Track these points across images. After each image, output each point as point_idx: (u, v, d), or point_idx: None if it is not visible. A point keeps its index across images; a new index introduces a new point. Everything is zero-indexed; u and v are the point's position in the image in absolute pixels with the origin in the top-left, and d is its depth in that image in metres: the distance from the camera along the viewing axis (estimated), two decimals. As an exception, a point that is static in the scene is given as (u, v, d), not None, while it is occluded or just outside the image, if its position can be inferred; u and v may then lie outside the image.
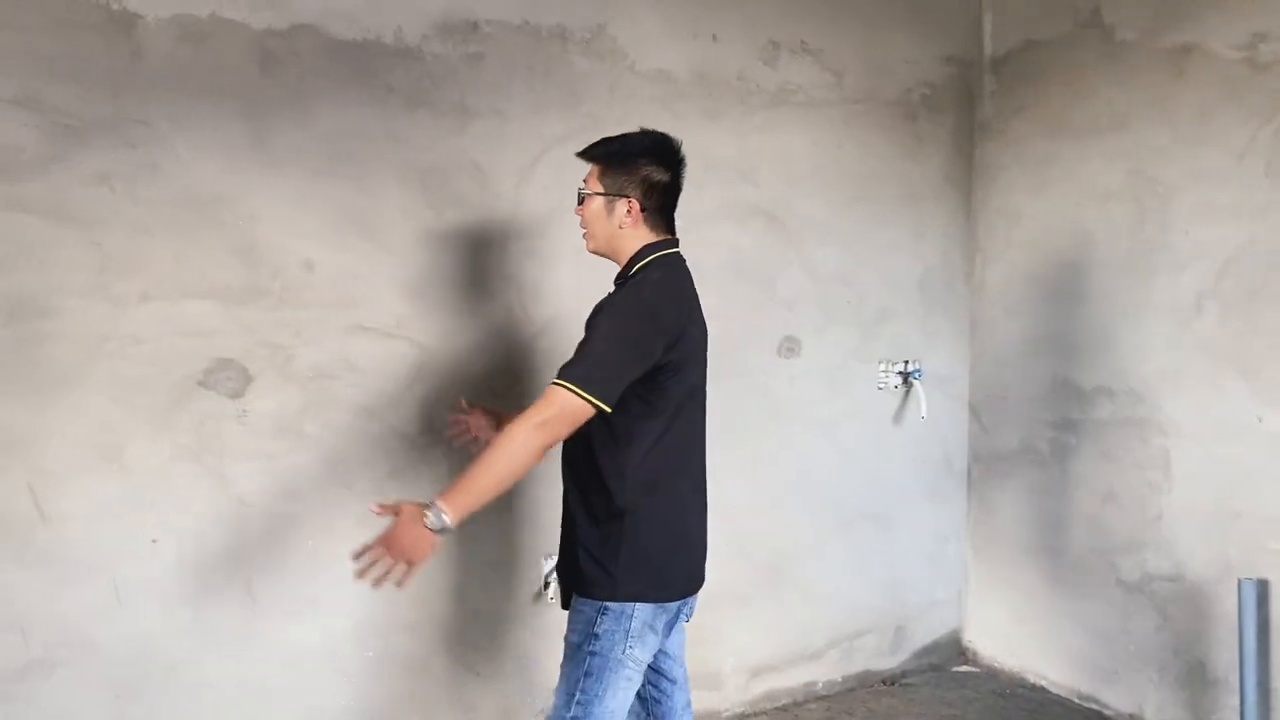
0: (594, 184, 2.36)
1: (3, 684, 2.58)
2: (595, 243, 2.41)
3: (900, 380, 4.04)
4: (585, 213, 2.39)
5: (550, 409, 2.12)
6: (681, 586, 2.39)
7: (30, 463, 2.56)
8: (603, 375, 2.15)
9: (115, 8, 2.58)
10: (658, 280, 2.31)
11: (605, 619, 2.28)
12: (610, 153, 2.36)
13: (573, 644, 2.34)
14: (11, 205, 2.49)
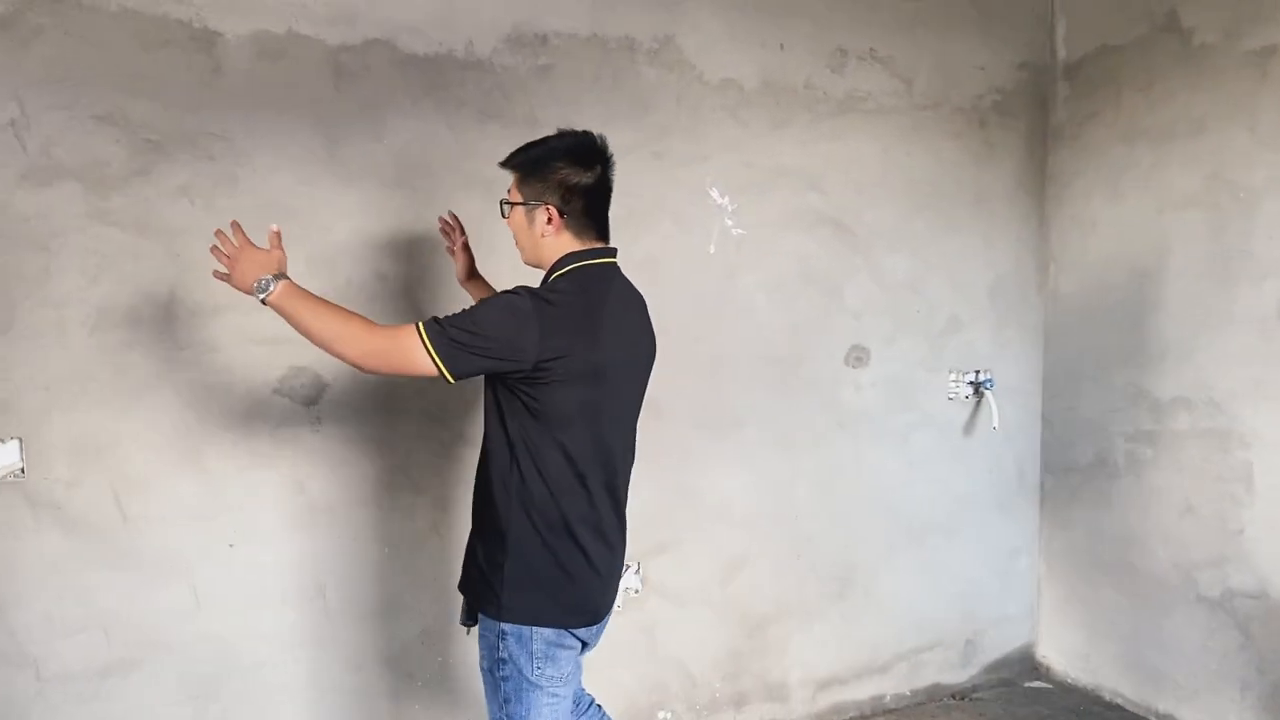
0: (514, 193, 2.25)
1: (86, 682, 2.66)
2: (524, 255, 2.31)
3: (971, 390, 3.98)
4: (510, 225, 2.29)
5: (393, 342, 2.08)
6: (576, 617, 2.23)
7: (113, 467, 2.64)
8: (460, 348, 2.06)
9: (197, 26, 2.66)
10: (563, 291, 2.17)
11: (505, 643, 2.20)
12: (526, 159, 2.23)
13: (484, 670, 2.27)
14: (99, 218, 2.57)
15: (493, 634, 2.21)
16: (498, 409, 2.19)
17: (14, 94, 2.47)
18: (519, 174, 2.24)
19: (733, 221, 3.44)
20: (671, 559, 3.44)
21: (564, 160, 2.20)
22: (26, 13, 2.47)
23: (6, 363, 2.51)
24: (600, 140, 2.25)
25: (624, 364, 2.27)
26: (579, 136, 2.25)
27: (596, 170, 2.22)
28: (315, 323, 2.10)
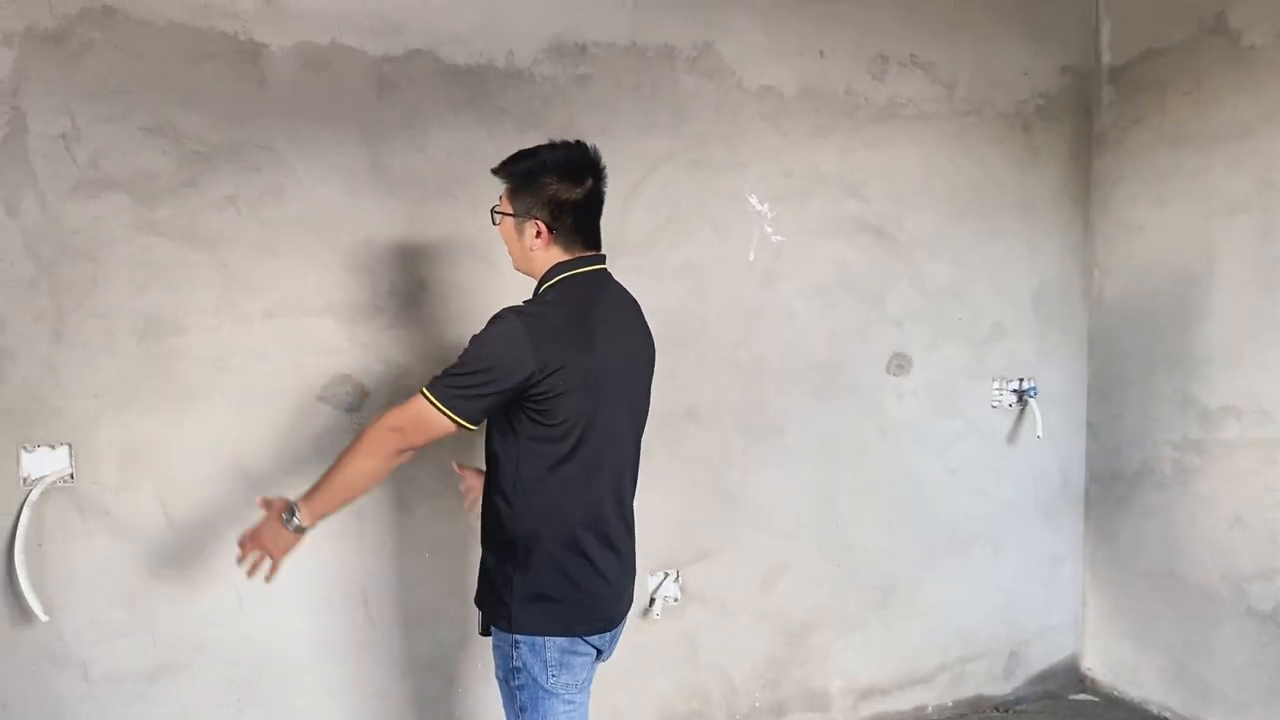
0: (505, 204, 2.25)
1: (133, 684, 2.70)
2: (514, 263, 2.31)
3: (1015, 398, 3.94)
4: (500, 233, 2.30)
5: (405, 415, 2.13)
6: (589, 625, 2.24)
7: (160, 472, 2.68)
8: (465, 394, 2.09)
9: (243, 38, 2.70)
10: (551, 303, 2.19)
11: (519, 652, 2.21)
12: (517, 171, 2.22)
13: (500, 680, 2.29)
14: (147, 228, 2.62)
15: (506, 644, 2.23)
16: (502, 423, 2.20)
17: (65, 107, 2.53)
18: (510, 185, 2.24)
19: (772, 228, 3.44)
20: (711, 566, 3.43)
21: (554, 175, 2.19)
22: (77, 27, 2.53)
23: (57, 370, 2.56)
24: (593, 152, 2.24)
25: (622, 370, 2.27)
26: (569, 150, 2.23)
27: (587, 184, 2.22)
28: (353, 474, 2.18)
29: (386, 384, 2.91)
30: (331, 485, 2.18)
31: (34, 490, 2.53)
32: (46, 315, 2.54)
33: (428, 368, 2.95)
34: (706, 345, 3.37)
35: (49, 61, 2.50)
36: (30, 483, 2.54)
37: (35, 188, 2.50)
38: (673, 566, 3.37)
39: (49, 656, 2.60)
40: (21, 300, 2.51)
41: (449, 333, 2.99)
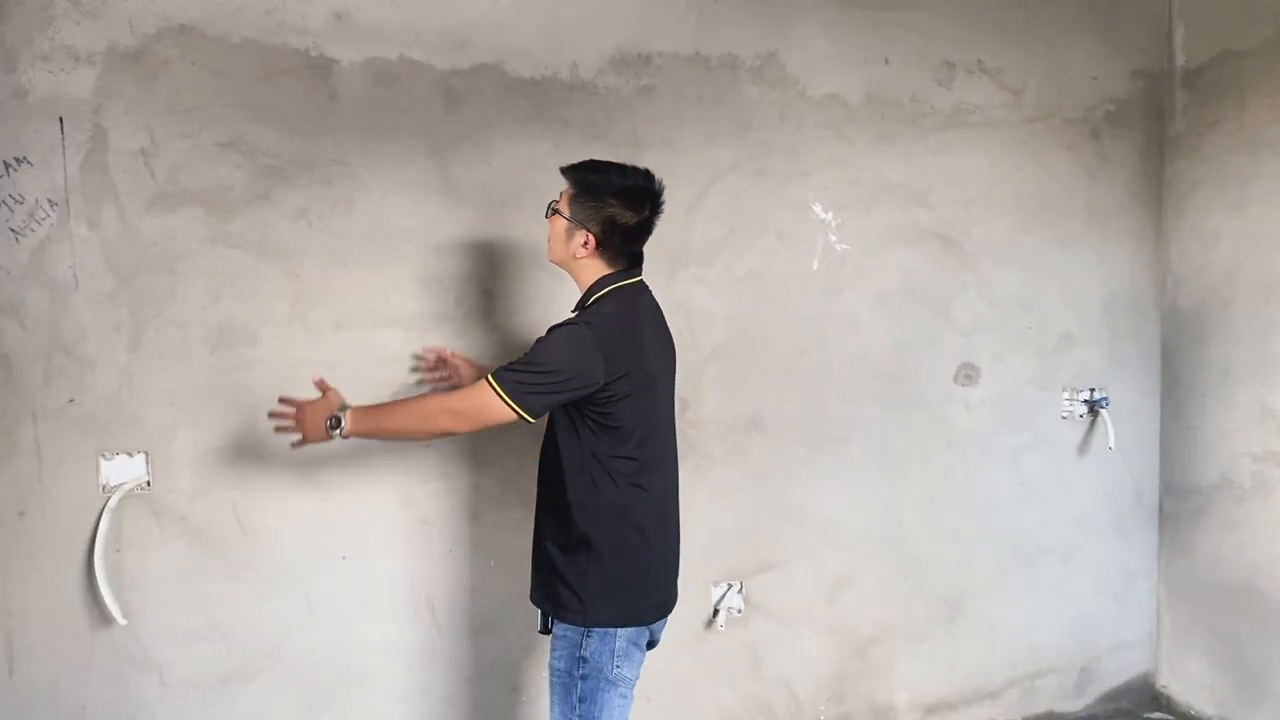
0: (563, 206, 2.36)
1: (207, 689, 2.75)
2: (552, 256, 2.44)
3: (1085, 409, 3.87)
4: (550, 227, 2.40)
5: (468, 402, 2.28)
6: (654, 611, 2.42)
7: (233, 480, 2.73)
8: (532, 389, 2.23)
9: (314, 54, 2.75)
10: (610, 314, 2.33)
11: (589, 641, 2.34)
12: (585, 182, 2.34)
13: (560, 670, 2.37)
14: (221, 240, 2.68)
15: (576, 634, 2.35)
16: (569, 428, 2.34)
17: (144, 124, 2.59)
18: (574, 191, 2.35)
19: (836, 237, 3.41)
20: (775, 578, 3.41)
21: (616, 198, 2.32)
22: (156, 46, 2.59)
23: (134, 379, 2.62)
24: (658, 185, 2.37)
25: (664, 371, 2.46)
26: (636, 177, 2.35)
27: (643, 213, 2.35)
28: (396, 422, 2.37)
29: (453, 393, 2.94)
30: (378, 421, 2.37)
31: (113, 497, 2.59)
32: (125, 326, 2.60)
33: (493, 377, 2.97)
34: (770, 355, 3.35)
35: (129, 79, 2.57)
36: (109, 490, 2.61)
37: (115, 202, 2.57)
38: (736, 577, 3.35)
39: (127, 660, 2.66)
40: (101, 311, 2.58)
41: (515, 342, 3.01)
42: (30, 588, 2.55)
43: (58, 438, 2.56)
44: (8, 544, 2.53)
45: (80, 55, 2.52)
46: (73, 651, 2.61)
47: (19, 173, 2.48)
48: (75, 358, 2.56)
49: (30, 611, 2.56)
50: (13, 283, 2.49)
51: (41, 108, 2.49)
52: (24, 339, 2.51)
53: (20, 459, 2.53)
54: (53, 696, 2.60)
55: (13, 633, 2.55)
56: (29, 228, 2.50)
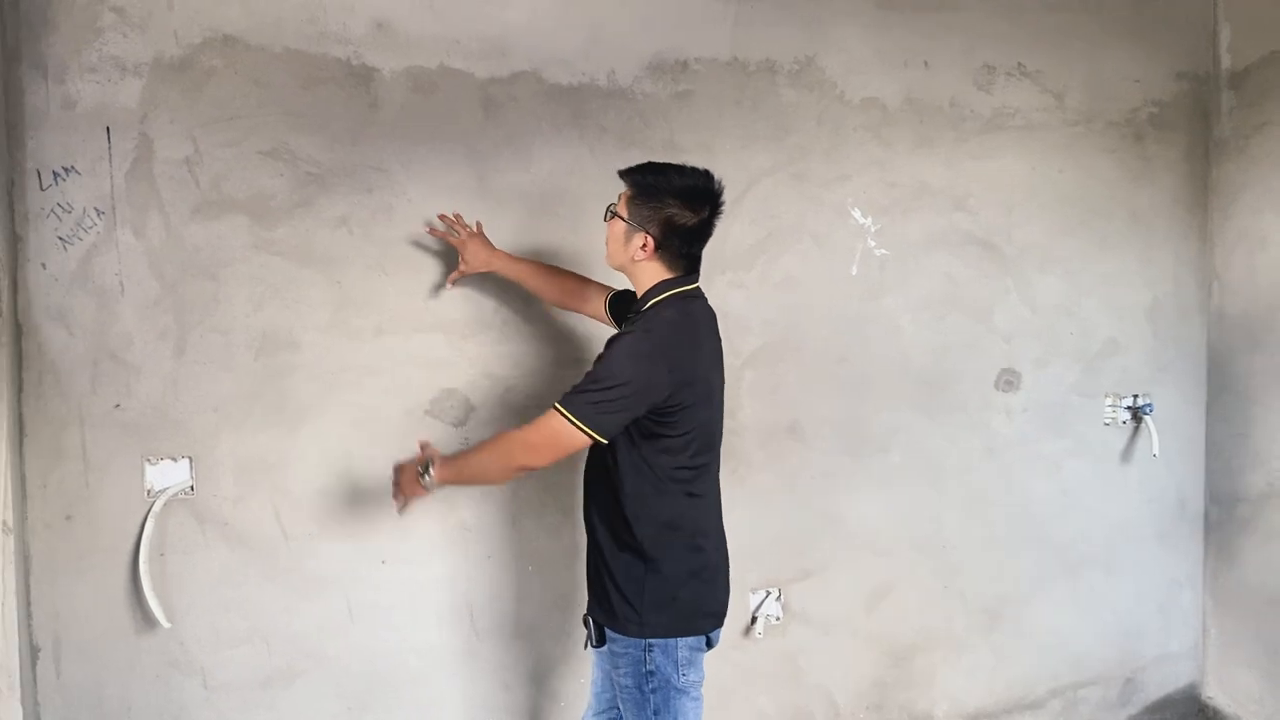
0: (622, 208, 2.35)
1: (249, 691, 2.77)
2: (610, 260, 2.43)
3: (1129, 416, 3.81)
4: (609, 231, 2.40)
5: (541, 433, 2.25)
6: (711, 620, 2.41)
7: (275, 484, 2.76)
8: (602, 409, 2.20)
9: (355, 63, 2.77)
10: (670, 321, 2.30)
11: (653, 655, 2.32)
12: (644, 183, 2.32)
13: (628, 686, 2.35)
14: (264, 248, 2.71)
15: (637, 649, 2.32)
16: (626, 439, 2.30)
17: (189, 133, 2.63)
18: (633, 193, 2.34)
19: (875, 242, 3.39)
20: (814, 585, 3.39)
21: (677, 199, 2.30)
22: (200, 56, 2.63)
23: (179, 385, 2.65)
24: (717, 185, 2.35)
25: (718, 380, 2.44)
26: (697, 178, 2.33)
27: (703, 214, 2.33)
28: (478, 468, 2.37)
29: (492, 399, 2.95)
30: (465, 472, 2.38)
31: (157, 502, 2.63)
32: (170, 332, 2.64)
33: (532, 383, 2.99)
34: (808, 361, 3.34)
35: (174, 89, 2.60)
36: (154, 494, 2.64)
37: (161, 210, 2.60)
38: (774, 585, 3.34)
39: (171, 662, 2.69)
40: (147, 318, 2.61)
41: (553, 349, 3.02)
42: (77, 591, 2.59)
43: (104, 443, 2.60)
44: (55, 548, 2.56)
45: (127, 66, 2.56)
46: (118, 654, 2.65)
47: (67, 182, 2.52)
48: (121, 363, 2.59)
49: (77, 614, 2.60)
50: (61, 290, 2.53)
51: (89, 118, 2.53)
52: (71, 345, 2.55)
53: (67, 464, 2.57)
54: (99, 698, 2.63)
55: (60, 635, 2.58)
56: (77, 236, 2.54)
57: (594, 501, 2.42)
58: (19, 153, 2.46)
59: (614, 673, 2.40)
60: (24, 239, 2.48)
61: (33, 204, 2.49)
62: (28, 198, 2.48)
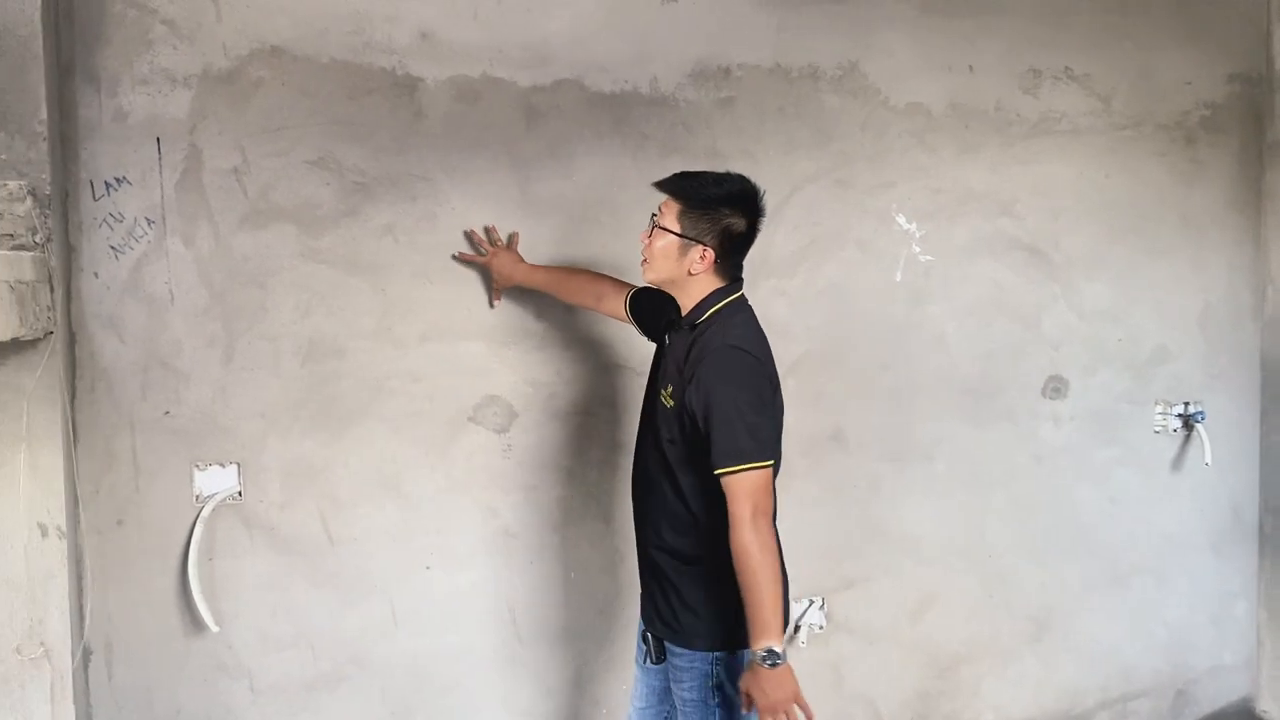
0: (670, 222, 2.28)
1: (295, 695, 2.80)
2: (656, 275, 2.34)
3: (1180, 424, 3.75)
4: (653, 246, 2.31)
5: (753, 497, 2.15)
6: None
7: (321, 490, 2.78)
8: (769, 436, 2.22)
9: (400, 73, 2.80)
10: (744, 326, 2.31)
11: (720, 668, 2.29)
12: (694, 194, 2.27)
13: (693, 700, 2.30)
14: (310, 256, 2.74)
15: (704, 663, 2.29)
16: (699, 448, 2.23)
17: (237, 143, 2.66)
18: (681, 205, 2.28)
19: (920, 248, 3.37)
20: (858, 594, 3.36)
21: (730, 206, 2.27)
22: (248, 67, 2.66)
23: (227, 392, 2.69)
24: (762, 192, 2.34)
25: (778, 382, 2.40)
26: (743, 184, 2.31)
27: (753, 219, 2.32)
28: (770, 592, 2.14)
29: (535, 406, 2.96)
30: (767, 605, 2.14)
31: (206, 507, 2.66)
32: (218, 340, 2.67)
33: (574, 389, 3.00)
34: (852, 368, 3.32)
35: (222, 100, 2.64)
36: (202, 500, 2.67)
37: (210, 219, 2.64)
38: (818, 594, 3.31)
39: (219, 666, 2.72)
40: (196, 326, 2.65)
41: (594, 355, 3.03)
42: (128, 594, 2.63)
43: (154, 449, 2.64)
44: (106, 552, 2.60)
45: (177, 78, 2.60)
46: (167, 657, 2.68)
47: (119, 192, 2.56)
48: (171, 370, 2.63)
49: (128, 617, 2.63)
50: (112, 298, 2.57)
51: (140, 129, 2.57)
52: (123, 352, 2.59)
53: (118, 469, 2.61)
54: (149, 700, 2.67)
55: (111, 638, 2.62)
56: (128, 245, 2.58)
57: (658, 514, 2.35)
58: (73, 164, 2.51)
59: (675, 687, 2.37)
60: (77, 248, 2.53)
61: (86, 214, 2.53)
62: (81, 208, 2.52)
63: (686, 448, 2.28)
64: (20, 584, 2.28)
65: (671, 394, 2.30)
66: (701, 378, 2.20)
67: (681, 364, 2.29)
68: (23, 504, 2.27)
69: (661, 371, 2.42)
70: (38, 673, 2.31)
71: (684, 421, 2.25)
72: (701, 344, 2.26)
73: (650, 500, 2.39)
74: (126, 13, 2.52)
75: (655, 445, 2.37)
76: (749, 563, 2.12)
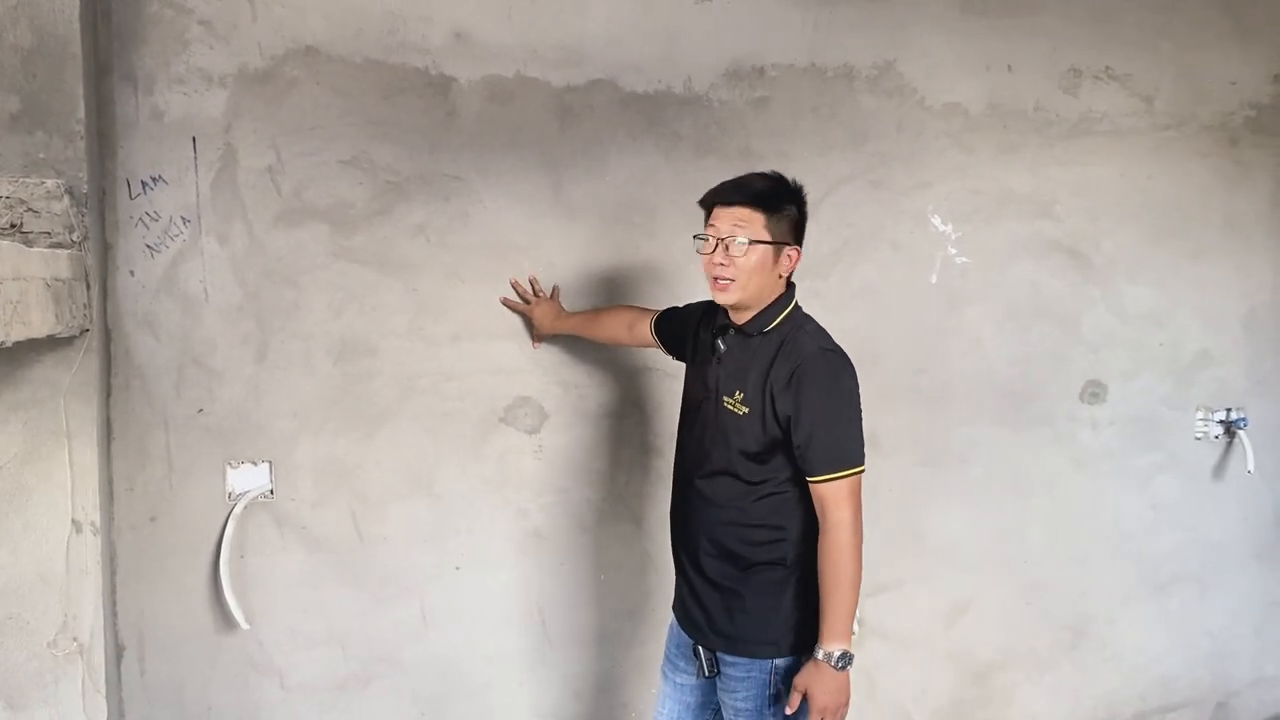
0: (759, 232, 2.21)
1: (324, 694, 2.80)
2: (744, 293, 2.24)
3: (1222, 430, 3.68)
4: (746, 262, 2.20)
5: (855, 500, 2.17)
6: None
7: (353, 489, 2.79)
8: (861, 442, 2.21)
9: (433, 73, 2.80)
10: (822, 329, 2.32)
11: (778, 677, 2.25)
12: (768, 198, 2.22)
13: (748, 710, 2.26)
14: (344, 255, 2.74)
15: (763, 672, 2.25)
16: (786, 452, 2.22)
17: (271, 142, 2.67)
18: (765, 213, 2.22)
19: (956, 250, 3.33)
20: (892, 599, 3.33)
21: (793, 201, 2.27)
22: (283, 67, 2.67)
23: (260, 390, 2.70)
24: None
25: None
26: (784, 176, 2.30)
27: (804, 208, 2.33)
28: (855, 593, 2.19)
29: (566, 407, 2.95)
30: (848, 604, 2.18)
31: (238, 505, 2.67)
32: (252, 338, 2.68)
33: (604, 391, 2.98)
34: (887, 371, 3.28)
35: (257, 100, 2.65)
36: (234, 497, 2.68)
37: (244, 218, 2.65)
38: (851, 598, 3.28)
39: (249, 663, 2.73)
40: (230, 324, 2.66)
41: (624, 358, 3.01)
42: (160, 591, 2.64)
43: (187, 446, 2.65)
44: (140, 548, 2.62)
45: (213, 77, 2.61)
46: (199, 653, 2.69)
47: (155, 190, 2.58)
48: (205, 369, 2.65)
49: (160, 614, 2.65)
50: (148, 296, 2.59)
51: (176, 128, 2.59)
52: (157, 350, 2.61)
53: (152, 466, 2.63)
54: (180, 697, 2.68)
55: (144, 634, 2.64)
56: (163, 244, 2.59)
57: (721, 522, 2.30)
58: (110, 162, 2.53)
59: (728, 698, 2.31)
60: (113, 246, 2.55)
61: (122, 212, 2.55)
62: (118, 206, 2.54)
63: (768, 453, 2.24)
64: (55, 579, 2.30)
65: (744, 400, 2.24)
66: (804, 384, 2.17)
67: (763, 370, 2.23)
68: (58, 500, 2.29)
69: (717, 380, 2.34)
70: (71, 667, 2.32)
71: (766, 427, 2.21)
72: (791, 350, 2.22)
73: (709, 509, 2.32)
74: (163, 12, 2.54)
75: (722, 453, 2.29)
76: (848, 565, 2.15)
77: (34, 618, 2.29)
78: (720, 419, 2.30)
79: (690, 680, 2.43)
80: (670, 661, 2.50)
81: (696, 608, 2.35)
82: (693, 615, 2.37)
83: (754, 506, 2.25)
